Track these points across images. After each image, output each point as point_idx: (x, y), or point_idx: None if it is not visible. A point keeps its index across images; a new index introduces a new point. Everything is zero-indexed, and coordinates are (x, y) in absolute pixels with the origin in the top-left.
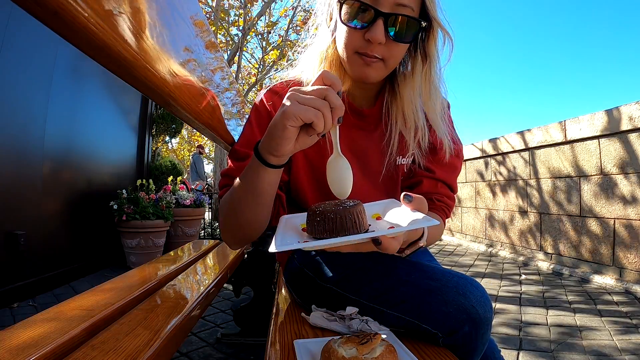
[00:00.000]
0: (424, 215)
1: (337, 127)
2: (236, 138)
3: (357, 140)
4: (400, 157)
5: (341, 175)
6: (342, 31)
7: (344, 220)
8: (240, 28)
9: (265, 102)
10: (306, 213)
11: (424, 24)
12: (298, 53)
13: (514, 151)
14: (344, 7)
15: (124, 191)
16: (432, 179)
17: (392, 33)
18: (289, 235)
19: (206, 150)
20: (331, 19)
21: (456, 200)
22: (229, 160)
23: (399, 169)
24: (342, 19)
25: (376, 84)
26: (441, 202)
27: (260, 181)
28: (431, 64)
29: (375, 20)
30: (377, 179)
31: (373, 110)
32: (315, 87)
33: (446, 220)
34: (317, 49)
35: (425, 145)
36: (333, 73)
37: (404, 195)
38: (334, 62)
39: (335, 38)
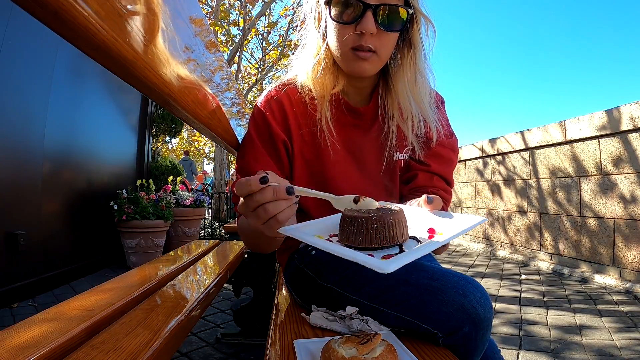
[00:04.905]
0: (463, 215)
1: (303, 189)
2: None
3: (354, 138)
4: (398, 152)
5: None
6: (333, 30)
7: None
8: (240, 28)
9: (262, 109)
10: (322, 218)
11: (410, 11)
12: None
13: (514, 151)
14: (332, 5)
15: (124, 191)
16: (427, 172)
17: (381, 23)
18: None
19: (206, 150)
20: (319, 21)
21: (455, 199)
22: (237, 174)
23: (397, 164)
24: (332, 17)
25: (370, 82)
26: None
27: (269, 239)
28: (416, 51)
29: (365, 12)
30: (377, 175)
31: (368, 108)
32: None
33: None
34: (310, 52)
35: (422, 134)
36: (325, 77)
37: (426, 197)
38: (328, 63)
39: (326, 38)
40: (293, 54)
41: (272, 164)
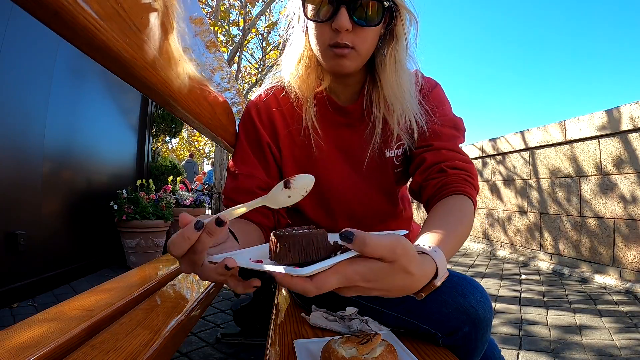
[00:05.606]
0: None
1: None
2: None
3: (343, 137)
4: (388, 149)
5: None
6: (311, 28)
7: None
8: (240, 28)
9: (249, 112)
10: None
11: (386, 4)
12: None
13: (514, 151)
14: (308, 4)
15: (124, 191)
16: (432, 150)
17: (356, 18)
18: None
19: (206, 150)
20: (299, 20)
21: None
22: (227, 177)
23: (388, 161)
24: (308, 16)
25: (357, 78)
26: (457, 170)
27: None
28: (397, 43)
29: (339, 8)
30: (370, 173)
31: (356, 105)
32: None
33: (477, 197)
34: (294, 51)
35: (408, 127)
36: (309, 76)
37: (340, 234)
38: (311, 62)
39: (308, 37)
40: None
41: (258, 165)
